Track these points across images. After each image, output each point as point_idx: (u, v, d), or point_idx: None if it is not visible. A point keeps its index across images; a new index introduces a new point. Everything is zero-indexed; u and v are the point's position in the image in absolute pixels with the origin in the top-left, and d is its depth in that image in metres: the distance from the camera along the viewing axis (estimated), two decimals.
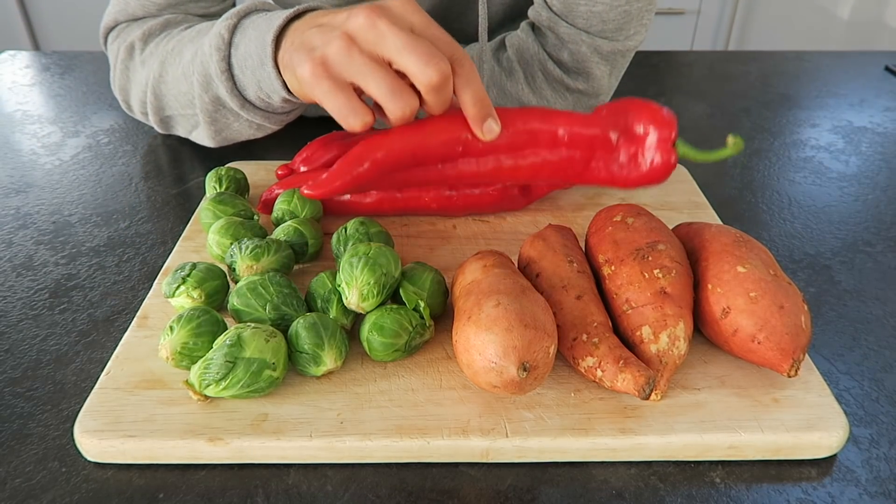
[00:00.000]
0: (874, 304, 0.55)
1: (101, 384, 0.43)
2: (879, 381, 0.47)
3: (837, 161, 0.77)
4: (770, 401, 0.43)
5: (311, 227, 0.54)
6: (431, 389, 0.44)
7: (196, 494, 0.39)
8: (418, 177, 0.56)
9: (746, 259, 0.44)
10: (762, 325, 0.42)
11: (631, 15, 0.67)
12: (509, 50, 0.72)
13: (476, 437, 0.40)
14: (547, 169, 0.56)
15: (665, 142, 0.54)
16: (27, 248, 0.60)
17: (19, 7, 2.04)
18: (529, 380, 0.40)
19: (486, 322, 0.40)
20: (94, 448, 0.40)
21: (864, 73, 1.02)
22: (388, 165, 0.53)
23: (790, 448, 0.41)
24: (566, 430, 0.41)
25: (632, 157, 0.55)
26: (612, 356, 0.42)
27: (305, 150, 0.62)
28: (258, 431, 0.40)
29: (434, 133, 0.53)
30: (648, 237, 0.47)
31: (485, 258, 0.47)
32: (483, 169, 0.56)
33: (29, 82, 0.96)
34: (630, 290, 0.45)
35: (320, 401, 0.43)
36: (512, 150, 0.56)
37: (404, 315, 0.45)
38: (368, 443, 0.40)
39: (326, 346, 0.43)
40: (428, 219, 0.62)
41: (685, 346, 0.43)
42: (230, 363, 0.40)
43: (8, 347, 0.49)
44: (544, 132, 0.55)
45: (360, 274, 0.45)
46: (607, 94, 0.75)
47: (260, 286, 0.46)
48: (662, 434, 0.41)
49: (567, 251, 0.48)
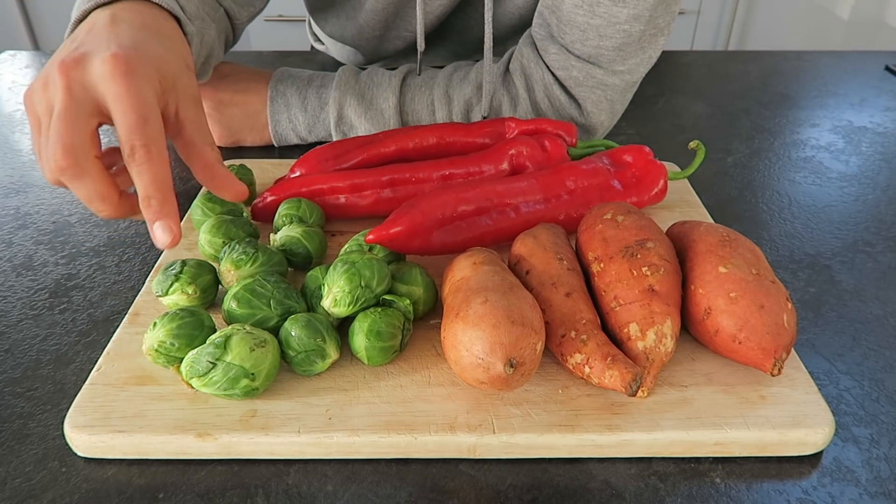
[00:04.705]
0: (874, 304, 0.55)
1: (92, 380, 0.44)
2: (879, 381, 0.47)
3: (837, 161, 0.77)
4: (757, 398, 0.43)
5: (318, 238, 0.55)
6: (420, 386, 0.44)
7: (196, 494, 0.39)
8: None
9: (729, 259, 0.44)
10: (742, 325, 0.42)
11: (631, 36, 0.65)
12: (516, 78, 0.72)
13: (463, 433, 0.41)
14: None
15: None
16: (27, 248, 0.60)
17: (19, 7, 2.06)
18: (516, 376, 0.40)
19: (473, 318, 0.40)
20: (83, 443, 0.41)
21: (864, 73, 1.01)
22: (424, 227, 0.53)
23: (776, 445, 0.41)
24: (553, 427, 0.41)
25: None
26: (599, 353, 0.42)
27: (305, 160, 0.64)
28: (247, 427, 0.41)
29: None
30: (638, 235, 0.47)
31: (474, 255, 0.47)
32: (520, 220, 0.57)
33: (29, 82, 0.96)
34: (618, 288, 0.45)
35: (309, 397, 0.43)
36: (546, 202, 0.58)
37: (393, 315, 0.45)
38: (356, 438, 0.40)
39: (328, 339, 0.44)
40: None
41: (672, 344, 0.43)
42: (211, 364, 0.41)
43: (8, 347, 0.49)
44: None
45: (338, 278, 0.46)
46: (602, 130, 0.75)
47: (257, 286, 0.46)
48: (649, 430, 0.41)
49: (557, 249, 0.49)
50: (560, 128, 0.66)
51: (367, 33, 0.87)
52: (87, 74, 0.43)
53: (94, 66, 0.43)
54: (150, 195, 0.42)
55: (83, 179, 0.42)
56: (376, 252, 0.52)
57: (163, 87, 0.45)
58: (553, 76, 0.70)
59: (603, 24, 0.65)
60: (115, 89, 0.42)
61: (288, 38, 2.03)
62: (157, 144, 0.42)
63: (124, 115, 0.42)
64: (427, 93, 0.72)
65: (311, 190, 0.60)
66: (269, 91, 0.73)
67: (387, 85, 0.72)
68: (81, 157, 0.41)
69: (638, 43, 0.66)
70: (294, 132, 0.74)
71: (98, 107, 0.43)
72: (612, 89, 0.70)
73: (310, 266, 0.54)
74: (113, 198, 0.43)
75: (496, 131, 0.66)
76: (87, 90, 0.42)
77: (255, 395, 0.42)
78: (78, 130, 0.41)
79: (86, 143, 0.42)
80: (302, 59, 1.03)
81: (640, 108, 0.89)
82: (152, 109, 0.43)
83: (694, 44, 2.17)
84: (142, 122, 0.42)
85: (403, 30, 0.87)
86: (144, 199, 0.42)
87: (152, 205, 0.42)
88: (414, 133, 0.66)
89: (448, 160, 0.62)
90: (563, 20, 0.67)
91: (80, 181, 0.42)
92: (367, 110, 0.71)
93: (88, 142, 0.42)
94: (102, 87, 0.42)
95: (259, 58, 1.04)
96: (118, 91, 0.42)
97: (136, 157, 0.42)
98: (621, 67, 0.68)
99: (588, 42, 0.66)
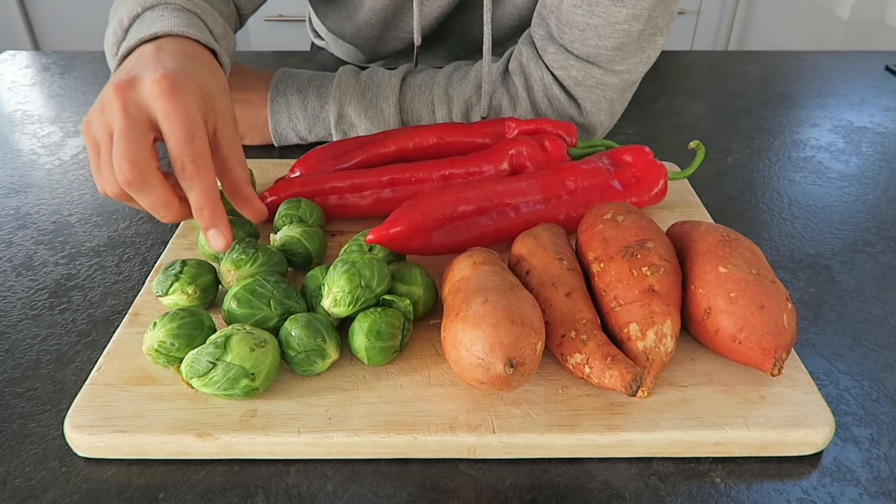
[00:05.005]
0: (874, 304, 0.55)
1: (92, 380, 0.44)
2: (879, 381, 0.47)
3: (837, 161, 0.77)
4: (757, 398, 0.43)
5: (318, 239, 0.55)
6: (420, 386, 0.44)
7: (196, 494, 0.39)
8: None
9: (729, 259, 0.45)
10: (742, 325, 0.42)
11: (630, 36, 0.65)
12: (515, 79, 0.72)
13: (463, 433, 0.41)
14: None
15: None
16: (27, 248, 0.60)
17: (19, 7, 2.06)
18: (516, 376, 0.40)
19: (473, 318, 0.40)
20: (83, 443, 0.41)
21: (864, 73, 1.01)
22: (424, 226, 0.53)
23: (776, 445, 0.41)
24: (553, 427, 0.41)
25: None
26: (599, 353, 0.42)
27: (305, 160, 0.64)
28: (247, 427, 0.41)
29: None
30: (638, 235, 0.47)
31: (474, 255, 0.47)
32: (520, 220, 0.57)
33: (29, 82, 0.97)
34: (618, 288, 0.45)
35: (309, 397, 0.43)
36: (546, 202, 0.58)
37: (393, 315, 0.45)
38: (356, 438, 0.40)
39: (328, 339, 0.44)
40: None
41: (672, 344, 0.43)
42: (211, 364, 0.41)
43: (8, 347, 0.49)
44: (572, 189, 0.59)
45: (338, 278, 0.46)
46: (602, 130, 0.75)
47: (257, 286, 0.46)
48: (649, 431, 0.41)
49: (557, 249, 0.49)
50: (560, 128, 0.66)
51: (366, 32, 0.87)
52: (139, 94, 0.46)
53: (145, 86, 0.46)
54: (201, 206, 0.46)
55: (148, 190, 0.45)
56: (376, 252, 0.52)
57: (205, 107, 0.48)
58: (552, 76, 0.70)
59: (602, 24, 0.65)
60: (164, 107, 0.45)
61: (288, 38, 2.03)
62: (203, 159, 0.46)
63: (173, 131, 0.45)
64: (427, 93, 0.72)
65: (311, 190, 0.60)
66: (270, 91, 0.73)
67: (387, 85, 0.72)
68: (145, 169, 0.45)
69: (637, 42, 0.66)
70: (294, 132, 0.74)
71: (152, 123, 0.46)
72: (611, 89, 0.70)
73: (310, 266, 0.54)
74: (174, 204, 0.47)
75: (496, 131, 0.66)
76: (141, 108, 0.46)
77: (255, 395, 0.42)
78: (139, 145, 0.45)
79: (147, 157, 0.45)
80: (302, 59, 1.03)
81: (640, 108, 0.89)
82: (198, 126, 0.46)
83: (694, 44, 2.17)
84: (189, 138, 0.45)
85: (402, 31, 0.87)
86: (197, 210, 0.46)
87: (205, 215, 0.46)
88: (414, 133, 0.66)
89: (448, 160, 0.62)
90: (562, 20, 0.67)
91: (146, 192, 0.45)
92: (367, 110, 0.71)
93: (149, 155, 0.45)
94: (153, 104, 0.46)
95: (259, 58, 1.04)
96: (167, 108, 0.45)
97: (187, 172, 0.45)
98: (620, 67, 0.68)
99: (587, 42, 0.66)
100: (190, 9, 0.57)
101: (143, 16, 0.56)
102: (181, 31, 0.53)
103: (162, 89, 0.45)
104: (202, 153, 0.46)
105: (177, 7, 0.57)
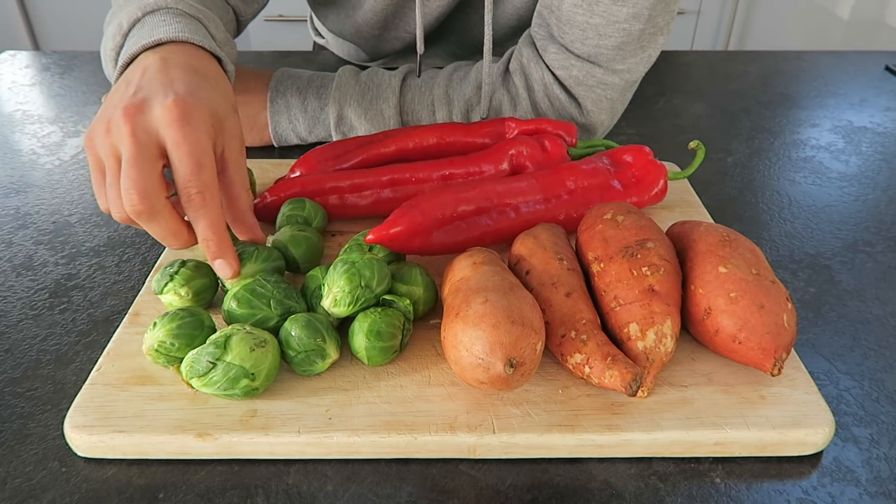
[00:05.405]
0: (874, 304, 0.55)
1: (92, 380, 0.44)
2: (879, 381, 0.47)
3: (837, 161, 0.77)
4: (757, 398, 0.43)
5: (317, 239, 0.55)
6: (420, 386, 0.44)
7: (196, 494, 0.39)
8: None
9: (729, 259, 0.45)
10: (742, 324, 0.42)
11: (630, 35, 0.65)
12: (516, 78, 0.72)
13: (463, 433, 0.41)
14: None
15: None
16: (27, 248, 0.60)
17: (19, 7, 2.07)
18: (516, 376, 0.40)
19: (473, 318, 0.40)
20: (83, 443, 0.41)
21: (864, 73, 1.01)
22: (425, 226, 0.53)
23: (776, 445, 0.41)
24: (553, 427, 0.41)
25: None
26: (599, 353, 0.42)
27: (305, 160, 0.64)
28: (247, 427, 0.41)
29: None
30: (638, 235, 0.47)
31: (474, 255, 0.47)
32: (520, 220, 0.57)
33: (29, 82, 0.97)
34: (618, 288, 0.45)
35: (309, 397, 0.43)
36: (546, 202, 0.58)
37: (393, 315, 0.45)
38: (356, 438, 0.40)
39: (328, 339, 0.44)
40: None
41: (672, 344, 0.43)
42: (211, 364, 0.41)
43: (8, 347, 0.49)
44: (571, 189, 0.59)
45: (338, 278, 0.46)
46: (602, 129, 0.75)
47: (257, 286, 0.46)
48: (649, 430, 0.41)
49: (557, 249, 0.49)
50: (560, 128, 0.66)
51: (366, 32, 0.87)
52: (149, 120, 0.45)
53: (155, 112, 0.45)
54: (207, 238, 0.46)
55: (157, 220, 0.45)
56: (376, 252, 0.52)
57: (214, 130, 0.47)
58: (553, 76, 0.70)
59: (602, 23, 0.65)
60: (174, 135, 0.45)
61: (288, 38, 2.03)
62: (210, 190, 0.45)
63: (181, 161, 0.45)
64: (427, 93, 0.72)
65: (311, 190, 0.60)
66: (270, 92, 0.73)
67: (387, 85, 0.72)
68: (154, 200, 0.44)
69: (637, 42, 0.66)
70: (294, 133, 0.74)
71: (161, 150, 0.45)
72: (611, 88, 0.70)
73: (299, 271, 0.54)
74: (183, 233, 0.46)
75: (496, 131, 0.66)
76: (151, 135, 0.45)
77: (255, 395, 0.42)
78: (149, 174, 0.44)
79: (157, 187, 0.44)
80: (302, 59, 1.03)
81: (640, 108, 0.89)
82: (207, 156, 0.46)
83: (694, 44, 2.17)
84: (198, 168, 0.45)
85: (402, 31, 0.87)
86: (203, 241, 0.46)
87: (211, 246, 0.46)
88: (414, 133, 0.66)
89: (448, 160, 0.62)
90: (562, 19, 0.67)
91: (155, 222, 0.45)
92: (367, 111, 0.71)
93: (158, 184, 0.45)
94: (163, 132, 0.45)
95: (259, 58, 1.04)
96: (176, 137, 0.45)
97: (194, 203, 0.45)
98: (621, 66, 0.68)
99: (587, 41, 0.66)
100: (192, 14, 0.57)
101: (144, 20, 0.56)
102: (185, 37, 0.52)
103: (172, 118, 0.45)
104: (209, 185, 0.45)
105: (179, 12, 0.56)
